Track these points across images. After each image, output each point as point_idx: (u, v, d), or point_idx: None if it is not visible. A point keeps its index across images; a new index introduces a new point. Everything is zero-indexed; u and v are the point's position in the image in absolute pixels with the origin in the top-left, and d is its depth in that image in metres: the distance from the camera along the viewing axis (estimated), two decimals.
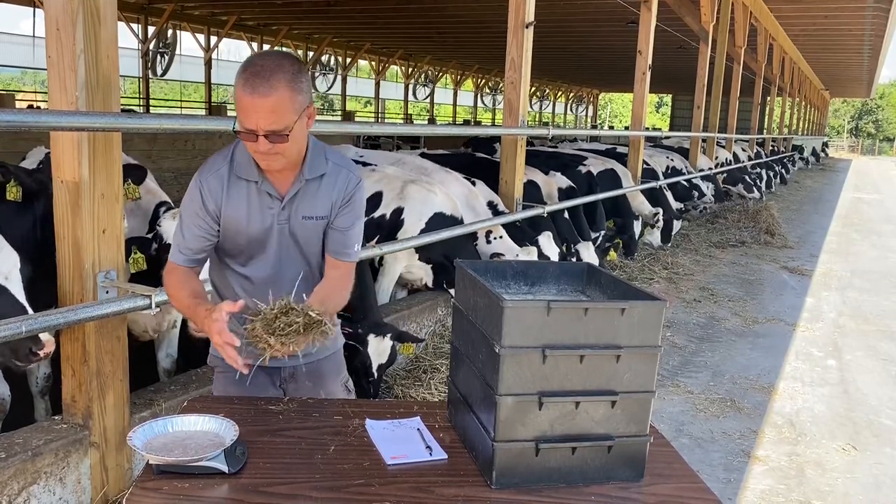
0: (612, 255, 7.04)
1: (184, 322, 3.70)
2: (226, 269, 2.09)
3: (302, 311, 1.75)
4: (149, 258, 3.21)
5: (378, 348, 3.58)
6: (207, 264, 2.14)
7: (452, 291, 4.87)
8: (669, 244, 9.28)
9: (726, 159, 15.01)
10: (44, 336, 2.49)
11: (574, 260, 6.22)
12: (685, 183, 11.07)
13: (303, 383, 2.19)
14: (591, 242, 6.64)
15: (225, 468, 1.57)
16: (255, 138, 1.81)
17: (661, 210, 8.83)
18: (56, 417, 2.83)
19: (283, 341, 1.71)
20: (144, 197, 3.61)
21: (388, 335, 3.62)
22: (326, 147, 2.05)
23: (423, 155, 6.85)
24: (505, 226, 5.53)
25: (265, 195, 1.97)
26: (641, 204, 8.77)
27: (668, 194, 9.88)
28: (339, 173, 2.03)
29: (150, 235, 3.42)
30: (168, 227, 3.30)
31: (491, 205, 5.63)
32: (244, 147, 1.93)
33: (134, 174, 3.37)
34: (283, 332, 1.71)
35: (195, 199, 1.97)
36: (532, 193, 6.43)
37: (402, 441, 1.80)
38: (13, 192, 3.15)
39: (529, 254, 5.25)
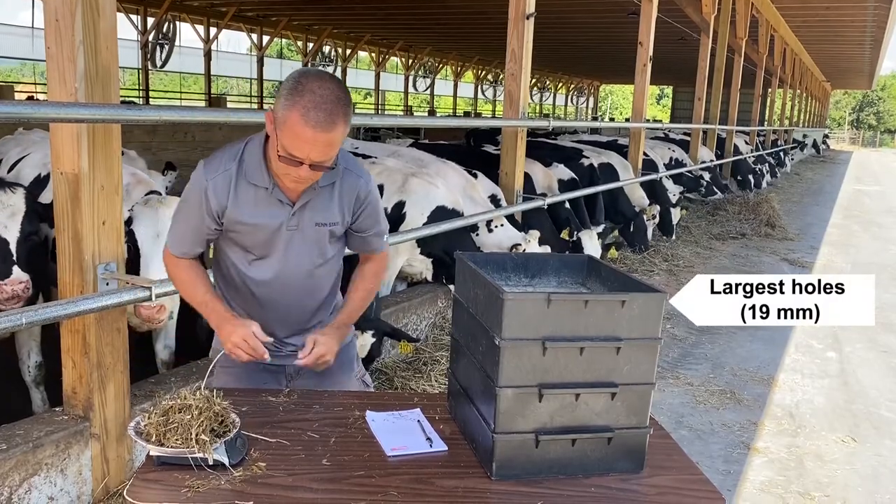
0: (613, 252, 7.01)
1: (181, 314, 3.68)
2: (231, 268, 2.05)
3: (199, 410, 1.60)
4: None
5: (356, 344, 3.52)
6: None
7: (451, 287, 4.87)
8: (673, 236, 9.27)
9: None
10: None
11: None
12: (689, 174, 11.04)
13: (310, 381, 2.14)
14: (593, 230, 6.62)
15: (226, 460, 1.57)
16: (298, 165, 1.76)
17: (656, 206, 8.79)
18: (56, 409, 2.84)
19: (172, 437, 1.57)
20: (136, 187, 3.60)
21: (370, 332, 3.51)
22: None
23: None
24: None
25: (275, 201, 1.92)
26: (641, 198, 8.75)
27: (669, 182, 9.84)
28: (348, 178, 1.99)
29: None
30: (140, 213, 3.25)
31: (494, 198, 5.62)
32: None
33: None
34: (173, 429, 1.57)
35: (199, 194, 1.90)
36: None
37: (402, 433, 1.80)
38: None
39: (533, 238, 5.23)
